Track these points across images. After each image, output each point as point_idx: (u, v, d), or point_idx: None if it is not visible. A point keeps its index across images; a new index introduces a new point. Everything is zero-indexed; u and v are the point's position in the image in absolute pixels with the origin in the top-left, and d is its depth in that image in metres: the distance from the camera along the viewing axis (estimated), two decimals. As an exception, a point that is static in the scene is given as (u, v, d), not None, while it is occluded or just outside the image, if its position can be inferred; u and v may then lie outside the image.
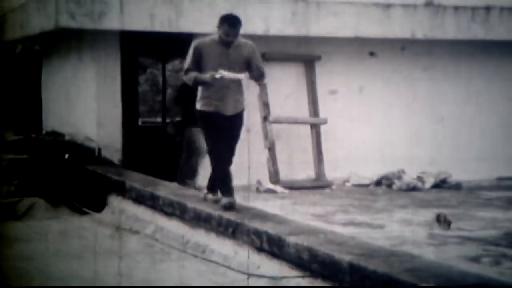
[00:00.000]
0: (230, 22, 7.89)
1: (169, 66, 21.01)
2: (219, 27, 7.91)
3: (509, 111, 13.32)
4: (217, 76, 7.73)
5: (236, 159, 11.58)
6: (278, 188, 11.34)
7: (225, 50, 7.93)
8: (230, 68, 7.84)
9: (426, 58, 12.84)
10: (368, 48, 12.59)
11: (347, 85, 12.49)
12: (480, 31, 12.66)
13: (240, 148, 11.62)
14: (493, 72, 13.24)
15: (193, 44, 8.05)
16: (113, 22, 11.05)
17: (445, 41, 12.65)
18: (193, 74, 7.94)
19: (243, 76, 7.87)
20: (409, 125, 12.74)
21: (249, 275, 6.78)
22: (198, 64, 7.94)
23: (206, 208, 8.01)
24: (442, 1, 12.45)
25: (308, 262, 6.13)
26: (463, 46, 12.94)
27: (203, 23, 11.46)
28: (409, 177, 11.86)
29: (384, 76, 12.78)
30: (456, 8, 12.54)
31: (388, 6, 12.13)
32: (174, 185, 10.65)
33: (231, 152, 8.16)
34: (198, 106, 8.12)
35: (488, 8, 12.70)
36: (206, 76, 7.81)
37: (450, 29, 12.52)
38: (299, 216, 8.67)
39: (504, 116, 13.28)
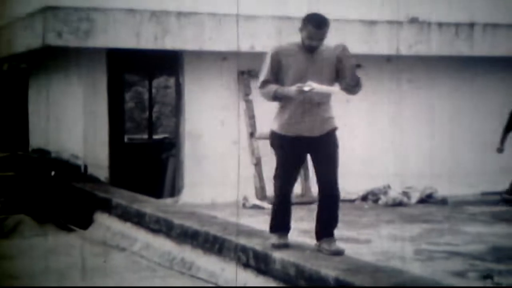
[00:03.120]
0: (316, 23, 6.56)
1: (154, 83, 21.08)
2: (301, 29, 6.62)
3: (493, 127, 13.38)
4: (306, 89, 6.37)
5: (222, 175, 11.70)
6: (265, 204, 11.34)
7: (310, 57, 6.62)
8: (317, 79, 6.51)
9: (411, 71, 12.89)
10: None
11: (333, 100, 12.51)
12: (464, 47, 12.75)
13: (227, 164, 11.74)
14: (478, 87, 13.32)
15: (271, 51, 6.71)
16: (99, 40, 11.08)
17: (430, 57, 12.73)
18: (272, 88, 6.59)
19: (337, 90, 6.61)
20: (395, 141, 12.78)
21: (236, 291, 6.80)
22: (277, 75, 6.65)
23: (192, 225, 8.01)
24: (427, 17, 12.54)
25: (295, 278, 6.15)
26: (448, 62, 13.02)
27: (189, 40, 11.51)
28: (395, 192, 11.88)
29: (369, 89, 12.82)
30: (440, 25, 12.62)
31: (373, 22, 12.20)
32: (160, 202, 10.67)
33: (332, 180, 6.68)
34: (275, 127, 6.74)
35: (471, 25, 12.79)
36: (291, 89, 6.47)
37: (434, 45, 12.60)
38: (286, 232, 8.66)
39: (489, 132, 13.33)
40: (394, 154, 12.64)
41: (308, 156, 6.80)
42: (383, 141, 12.71)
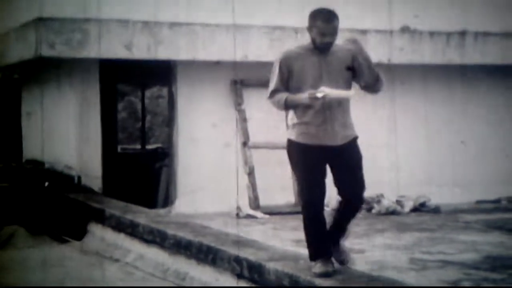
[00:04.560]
0: (325, 17, 6.04)
1: (147, 94, 21.09)
2: (310, 28, 6.08)
3: (486, 135, 13.43)
4: (319, 95, 5.85)
5: (215, 185, 11.70)
6: (258, 214, 11.35)
7: (322, 58, 6.08)
8: (333, 82, 5.99)
9: (404, 79, 12.93)
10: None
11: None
12: (455, 55, 12.80)
13: (220, 174, 11.75)
14: (469, 95, 13.37)
15: (278, 57, 6.19)
16: (92, 51, 11.09)
17: (422, 65, 12.76)
18: (283, 96, 6.05)
19: (353, 93, 6.07)
20: (388, 149, 12.81)
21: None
22: (288, 83, 6.10)
23: (186, 235, 8.02)
24: (418, 26, 12.59)
25: (289, 288, 6.15)
26: (439, 70, 13.05)
27: (181, 50, 11.53)
28: (388, 201, 11.88)
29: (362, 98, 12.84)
30: (432, 33, 12.67)
31: (364, 31, 12.23)
32: (153, 212, 10.67)
33: (360, 192, 6.29)
34: (292, 136, 6.18)
35: (463, 33, 12.84)
36: (303, 96, 5.94)
37: (426, 53, 12.64)
38: (279, 241, 8.67)
39: (481, 140, 13.39)
40: (387, 162, 12.67)
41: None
42: (376, 150, 12.72)
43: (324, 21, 6.02)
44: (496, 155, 13.40)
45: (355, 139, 6.23)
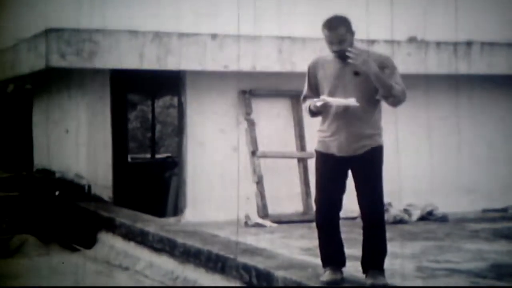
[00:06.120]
0: (327, 24, 5.90)
1: (159, 103, 21.16)
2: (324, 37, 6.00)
3: (493, 144, 13.45)
4: (318, 104, 5.85)
5: (225, 194, 11.75)
6: (267, 222, 11.40)
7: (342, 67, 5.95)
8: (348, 91, 5.86)
9: (409, 89, 12.94)
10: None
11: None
12: (461, 65, 12.84)
13: (229, 183, 11.81)
14: (475, 105, 13.40)
15: (309, 63, 6.22)
16: (102, 61, 11.15)
17: (428, 75, 12.79)
18: (307, 103, 6.09)
19: (353, 101, 5.79)
20: (394, 158, 12.82)
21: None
22: (316, 89, 6.10)
23: (195, 244, 8.07)
24: (425, 36, 12.64)
25: (297, 296, 6.20)
26: (446, 80, 13.09)
27: (191, 60, 11.60)
28: (396, 210, 11.90)
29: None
30: (438, 44, 12.72)
31: (372, 42, 12.29)
32: (163, 221, 10.72)
33: (371, 204, 6.14)
34: (315, 144, 6.17)
35: (469, 43, 12.88)
36: (312, 104, 5.99)
37: (432, 64, 12.67)
38: (288, 250, 8.72)
39: (488, 149, 13.41)
40: (394, 171, 12.68)
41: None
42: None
43: (327, 29, 5.90)
44: (503, 164, 13.43)
45: (373, 149, 6.01)
